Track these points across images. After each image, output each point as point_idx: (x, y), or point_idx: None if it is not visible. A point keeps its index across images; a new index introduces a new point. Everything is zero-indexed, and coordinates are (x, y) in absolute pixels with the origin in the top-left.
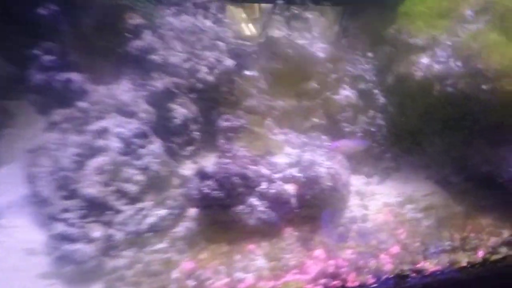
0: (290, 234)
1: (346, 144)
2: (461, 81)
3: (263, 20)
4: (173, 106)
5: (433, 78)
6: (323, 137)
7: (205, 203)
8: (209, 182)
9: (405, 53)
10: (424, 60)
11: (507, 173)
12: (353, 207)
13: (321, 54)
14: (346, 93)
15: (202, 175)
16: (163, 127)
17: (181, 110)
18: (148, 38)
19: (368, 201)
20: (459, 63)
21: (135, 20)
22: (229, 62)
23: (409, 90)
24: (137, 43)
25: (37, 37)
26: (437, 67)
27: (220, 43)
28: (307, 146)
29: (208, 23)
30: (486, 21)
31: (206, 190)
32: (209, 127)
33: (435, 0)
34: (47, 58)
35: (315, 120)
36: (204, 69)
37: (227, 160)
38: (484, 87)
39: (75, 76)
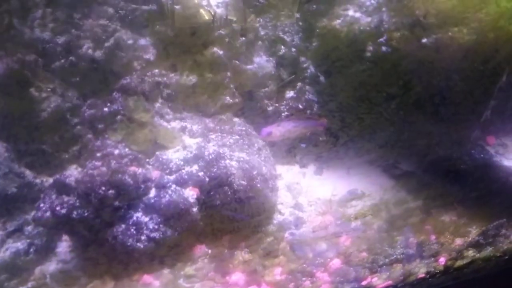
0: (198, 254)
1: (285, 128)
2: (396, 36)
3: None
4: (34, 93)
5: (363, 36)
6: (236, 119)
7: (68, 228)
8: (68, 198)
9: (328, 5)
10: (350, 12)
11: (470, 156)
12: (284, 208)
13: (220, 10)
14: (260, 61)
15: (60, 187)
16: (18, 123)
17: (51, 98)
18: None
19: (303, 198)
20: (392, 13)
21: None
22: (123, 35)
23: (337, 54)
24: None
25: None
26: (366, 20)
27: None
28: (212, 133)
29: None
30: None
31: (63, 210)
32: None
33: None
34: None
35: (226, 98)
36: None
37: (96, 163)
38: (425, 40)
39: None
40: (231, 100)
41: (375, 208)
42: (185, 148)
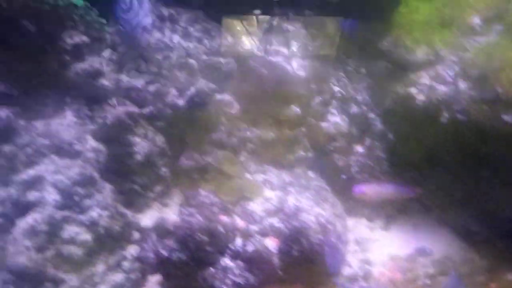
0: None
1: (379, 190)
2: (474, 108)
3: (262, 33)
4: (133, 139)
5: (439, 103)
6: (310, 173)
7: (166, 268)
8: (169, 242)
9: (402, 70)
10: (425, 80)
11: None
12: (353, 261)
13: (301, 73)
14: (335, 119)
15: (161, 231)
16: (119, 167)
17: (142, 144)
18: (92, 59)
19: (371, 253)
20: (469, 85)
21: (75, 37)
22: (204, 84)
23: (410, 116)
24: (79, 66)
25: None
26: (442, 89)
27: (191, 61)
28: (291, 186)
29: (176, 38)
30: (499, 31)
31: (165, 253)
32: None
33: (434, 6)
34: None
35: (300, 152)
36: (173, 92)
37: (191, 210)
38: (506, 117)
39: (1, 112)
40: (305, 155)
41: (442, 266)
42: (267, 200)
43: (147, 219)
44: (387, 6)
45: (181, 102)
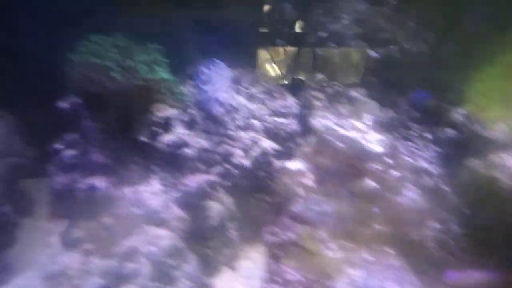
0: None
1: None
2: None
3: (289, 63)
4: (208, 203)
5: None
6: (389, 251)
7: None
8: None
9: (478, 146)
10: (508, 161)
11: None
12: None
13: (378, 148)
14: (410, 194)
15: None
16: (197, 233)
17: (216, 207)
18: (179, 131)
19: None
20: None
21: (164, 111)
22: (267, 144)
23: (493, 197)
24: (167, 138)
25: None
26: None
27: (255, 122)
28: (372, 265)
29: (241, 99)
30: None
31: None
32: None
33: None
34: (69, 153)
35: (376, 228)
36: (239, 153)
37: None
38: None
39: (99, 182)
40: (381, 230)
41: None
42: (350, 281)
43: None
44: (463, 79)
45: (246, 162)
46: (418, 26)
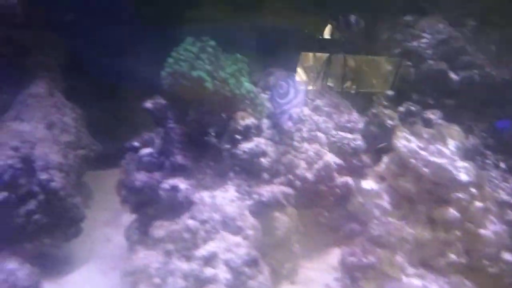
0: None
1: None
2: None
3: (319, 70)
4: (276, 214)
5: None
6: (466, 282)
7: None
8: None
9: None
10: None
11: None
12: None
13: (464, 177)
14: (494, 228)
15: None
16: (264, 244)
17: (283, 219)
18: (259, 140)
19: None
20: None
21: (247, 119)
22: (331, 159)
23: None
24: (247, 146)
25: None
26: None
27: (320, 135)
28: None
29: (306, 110)
30: None
31: None
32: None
33: None
34: (148, 151)
35: (452, 256)
36: (303, 164)
37: None
38: None
39: (181, 184)
40: (459, 261)
41: None
42: None
43: None
44: None
45: (309, 175)
46: (500, 50)
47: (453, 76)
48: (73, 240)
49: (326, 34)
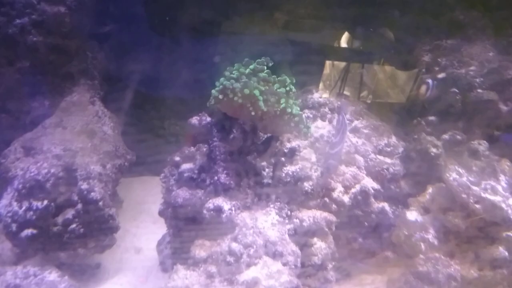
0: None
1: None
2: None
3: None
4: (314, 240)
5: None
6: None
7: None
8: None
9: None
10: None
11: None
12: None
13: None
14: None
15: None
16: (304, 273)
17: (320, 244)
18: (303, 164)
19: None
20: None
21: (293, 142)
22: (369, 183)
23: None
24: (291, 169)
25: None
26: None
27: (358, 158)
28: None
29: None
30: None
31: None
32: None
33: None
34: (186, 166)
35: None
36: (339, 188)
37: None
38: None
39: (226, 204)
40: None
41: None
42: None
43: None
44: None
45: (346, 199)
46: None
47: (502, 107)
48: (107, 251)
49: (344, 43)
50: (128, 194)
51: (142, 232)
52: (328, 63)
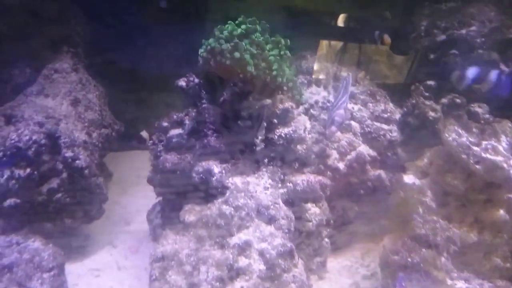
0: None
1: None
2: None
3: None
4: (308, 205)
5: None
6: None
7: None
8: None
9: None
10: None
11: None
12: None
13: None
14: None
15: None
16: (297, 236)
17: (314, 210)
18: (296, 125)
19: None
20: None
21: (285, 103)
22: (365, 150)
23: None
24: (283, 131)
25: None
26: None
27: (354, 124)
28: None
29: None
30: None
31: None
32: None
33: None
34: (175, 132)
35: (497, 261)
36: (334, 154)
37: None
38: None
39: (216, 167)
40: (503, 265)
41: None
42: None
43: None
44: None
45: (341, 166)
46: None
47: (504, 67)
48: (95, 222)
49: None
50: (118, 168)
51: (133, 204)
52: (324, 43)
